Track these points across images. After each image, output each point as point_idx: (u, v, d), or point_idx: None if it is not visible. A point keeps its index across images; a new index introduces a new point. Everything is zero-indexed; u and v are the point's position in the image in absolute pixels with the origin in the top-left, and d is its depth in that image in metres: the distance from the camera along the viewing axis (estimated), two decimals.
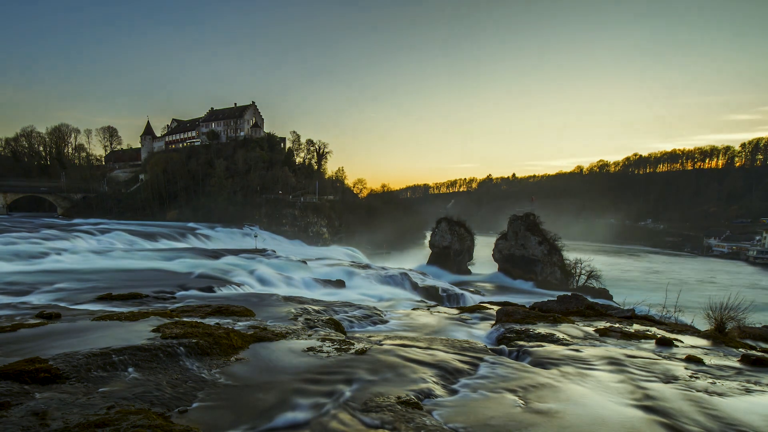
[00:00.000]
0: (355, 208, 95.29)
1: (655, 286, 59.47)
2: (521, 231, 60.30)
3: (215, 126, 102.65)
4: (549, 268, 57.36)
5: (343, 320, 8.65)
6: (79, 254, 32.24)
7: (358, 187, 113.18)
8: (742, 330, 7.98)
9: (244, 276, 25.63)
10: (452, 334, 7.57)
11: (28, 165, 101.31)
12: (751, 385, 4.52)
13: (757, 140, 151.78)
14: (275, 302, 10.60)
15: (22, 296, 14.50)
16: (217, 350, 4.85)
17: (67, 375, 3.64)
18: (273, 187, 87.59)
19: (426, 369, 4.70)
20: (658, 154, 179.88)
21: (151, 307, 9.48)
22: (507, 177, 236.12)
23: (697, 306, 11.51)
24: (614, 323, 8.03)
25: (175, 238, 55.59)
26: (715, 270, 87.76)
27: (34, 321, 6.16)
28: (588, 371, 4.92)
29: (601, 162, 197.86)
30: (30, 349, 4.38)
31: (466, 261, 67.22)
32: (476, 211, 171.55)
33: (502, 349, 6.12)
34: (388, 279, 37.21)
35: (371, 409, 3.49)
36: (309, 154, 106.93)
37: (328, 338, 5.90)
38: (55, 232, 45.51)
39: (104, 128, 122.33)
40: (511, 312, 8.32)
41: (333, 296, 22.60)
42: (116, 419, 2.83)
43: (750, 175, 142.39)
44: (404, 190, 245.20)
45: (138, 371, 3.99)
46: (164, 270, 25.84)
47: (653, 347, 6.25)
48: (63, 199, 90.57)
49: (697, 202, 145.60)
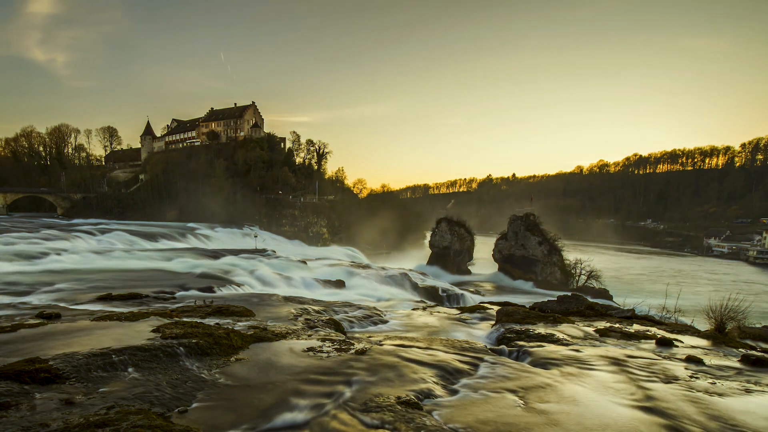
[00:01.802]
0: (355, 208, 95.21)
1: (655, 286, 59.49)
2: (521, 231, 60.29)
3: (215, 126, 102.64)
4: (549, 268, 57.33)
5: (343, 320, 8.65)
6: (79, 254, 32.21)
7: (358, 188, 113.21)
8: (742, 330, 7.99)
9: (244, 276, 25.60)
10: (452, 334, 7.57)
11: (28, 165, 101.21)
12: (751, 386, 4.52)
13: (757, 140, 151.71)
14: (275, 302, 10.61)
15: (22, 296, 14.48)
16: (217, 350, 4.85)
17: (67, 375, 3.64)
18: (273, 187, 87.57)
19: (426, 369, 4.70)
20: (658, 154, 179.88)
21: (151, 307, 9.49)
22: (507, 177, 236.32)
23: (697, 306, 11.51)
24: (614, 323, 8.03)
25: (175, 238, 55.55)
26: (715, 270, 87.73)
27: (34, 321, 6.16)
28: (588, 371, 4.92)
29: (601, 162, 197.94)
30: (30, 349, 4.38)
31: (466, 261, 67.19)
32: (476, 211, 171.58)
33: (502, 350, 6.12)
34: (388, 279, 37.18)
35: (371, 410, 3.49)
36: (309, 154, 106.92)
37: (328, 338, 5.90)
38: (55, 232, 45.47)
39: (104, 128, 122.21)
40: (511, 312, 8.32)
41: (333, 296, 22.57)
42: (116, 419, 2.83)
43: (750, 175, 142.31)
44: (404, 190, 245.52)
45: (138, 371, 3.99)
46: (164, 270, 25.83)
47: (653, 347, 6.25)
48: (63, 199, 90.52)
49: (697, 202, 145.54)
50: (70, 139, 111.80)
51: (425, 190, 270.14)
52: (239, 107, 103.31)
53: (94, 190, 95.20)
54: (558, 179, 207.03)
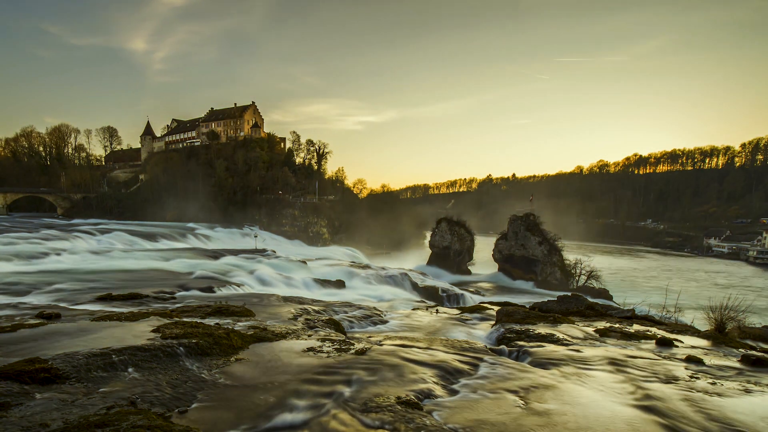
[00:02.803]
0: (355, 208, 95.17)
1: (655, 286, 59.48)
2: (521, 231, 60.28)
3: (215, 126, 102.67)
4: (549, 269, 57.32)
5: (343, 320, 8.66)
6: (79, 254, 32.22)
7: (358, 188, 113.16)
8: (742, 330, 7.99)
9: (244, 276, 25.62)
10: (452, 335, 7.57)
11: (28, 165, 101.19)
12: (751, 386, 4.52)
13: (757, 140, 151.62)
14: (275, 302, 10.60)
15: (22, 296, 14.49)
16: (217, 350, 4.85)
17: (67, 375, 3.64)
18: (273, 187, 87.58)
19: (426, 369, 4.70)
20: (658, 154, 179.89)
21: (151, 307, 9.49)
22: (507, 177, 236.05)
23: (697, 306, 11.53)
24: (614, 323, 8.03)
25: (174, 238, 55.56)
26: (715, 270, 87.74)
27: (34, 321, 6.16)
28: (588, 371, 4.92)
29: (601, 162, 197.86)
30: (30, 349, 4.38)
31: (466, 261, 67.16)
32: (476, 211, 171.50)
33: (502, 350, 6.12)
34: (388, 279, 37.20)
35: (371, 410, 3.49)
36: (309, 154, 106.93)
37: (328, 338, 5.90)
38: (54, 232, 45.48)
39: (104, 128, 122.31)
40: (511, 312, 8.32)
41: (333, 296, 22.58)
42: (116, 419, 2.83)
43: (750, 175, 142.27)
44: (404, 190, 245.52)
45: (138, 371, 3.99)
46: (164, 270, 25.84)
47: (653, 347, 6.25)
48: (63, 199, 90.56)
49: (697, 202, 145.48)
50: (70, 139, 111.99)
51: (425, 190, 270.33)
52: (239, 107, 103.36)
53: (94, 190, 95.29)
54: (558, 179, 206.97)
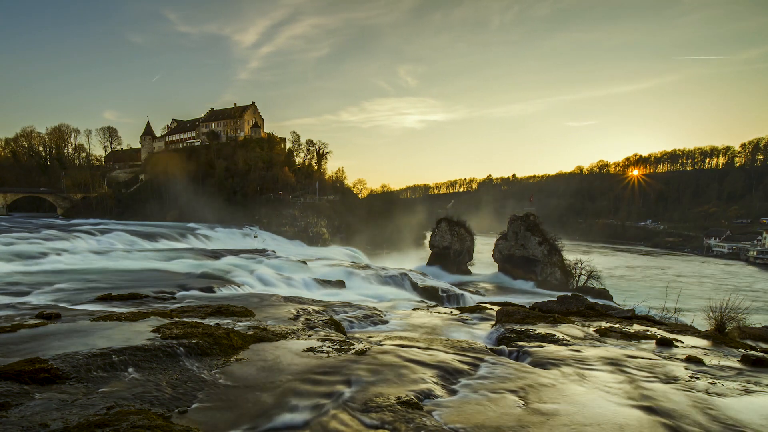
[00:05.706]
0: (355, 208, 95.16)
1: (655, 286, 59.47)
2: (521, 231, 60.27)
3: (215, 126, 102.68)
4: (549, 269, 57.30)
5: (343, 320, 8.66)
6: (79, 254, 32.22)
7: (358, 188, 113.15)
8: (742, 330, 7.99)
9: (244, 276, 25.60)
10: (452, 335, 7.57)
11: (28, 165, 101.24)
12: (751, 386, 4.52)
13: (757, 140, 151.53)
14: (275, 302, 10.60)
15: (22, 296, 14.48)
16: (217, 350, 4.85)
17: (67, 375, 3.64)
18: (273, 187, 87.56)
19: (426, 369, 4.70)
20: (658, 154, 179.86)
21: (151, 307, 9.49)
22: (507, 177, 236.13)
23: (697, 306, 11.52)
24: (614, 324, 8.03)
25: (175, 239, 55.55)
26: (715, 270, 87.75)
27: (34, 321, 6.16)
28: (588, 372, 4.91)
29: (601, 162, 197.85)
30: (30, 349, 4.38)
31: (466, 261, 67.16)
32: (476, 211, 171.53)
33: (502, 350, 6.12)
34: (388, 279, 37.19)
35: (371, 410, 3.49)
36: (309, 154, 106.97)
37: (328, 338, 5.90)
38: (55, 232, 45.47)
39: (104, 128, 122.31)
40: (511, 312, 8.32)
41: (333, 296, 22.56)
42: (116, 419, 2.83)
43: (750, 175, 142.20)
44: (404, 190, 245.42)
45: (138, 371, 3.99)
46: (164, 270, 25.81)
47: (653, 348, 6.24)
48: (63, 200, 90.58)
49: (697, 202, 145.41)
50: (70, 139, 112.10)
51: (425, 190, 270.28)
52: (239, 107, 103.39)
53: (94, 190, 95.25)
54: (558, 179, 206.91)
